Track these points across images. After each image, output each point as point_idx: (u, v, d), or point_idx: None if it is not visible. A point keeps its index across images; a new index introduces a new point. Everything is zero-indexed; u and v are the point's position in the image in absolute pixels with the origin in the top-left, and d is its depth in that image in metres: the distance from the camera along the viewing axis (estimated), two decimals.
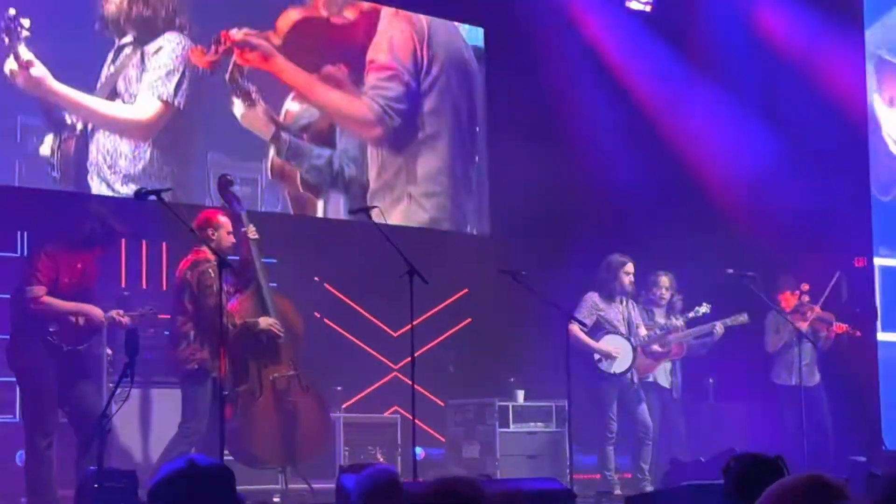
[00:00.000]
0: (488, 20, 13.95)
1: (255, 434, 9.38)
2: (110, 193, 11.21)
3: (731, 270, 11.46)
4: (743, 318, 11.74)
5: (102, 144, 11.36)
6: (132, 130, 11.54)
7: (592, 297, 11.43)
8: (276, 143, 12.39)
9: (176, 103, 11.73)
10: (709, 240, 12.84)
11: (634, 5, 14.37)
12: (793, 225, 13.06)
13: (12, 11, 10.66)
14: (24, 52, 10.77)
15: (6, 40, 10.65)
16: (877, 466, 9.37)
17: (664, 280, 11.87)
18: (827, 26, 13.29)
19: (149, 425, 9.99)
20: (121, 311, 8.96)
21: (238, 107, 12.14)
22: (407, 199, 13.16)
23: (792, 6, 13.54)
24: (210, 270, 9.03)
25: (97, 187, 11.26)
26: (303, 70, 12.61)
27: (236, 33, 12.10)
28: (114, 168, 11.37)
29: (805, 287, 12.17)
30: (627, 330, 11.41)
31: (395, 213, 12.72)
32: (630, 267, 11.45)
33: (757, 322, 12.01)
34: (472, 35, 14.01)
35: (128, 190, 11.14)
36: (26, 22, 10.73)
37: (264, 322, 9.43)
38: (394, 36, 13.26)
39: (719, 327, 11.72)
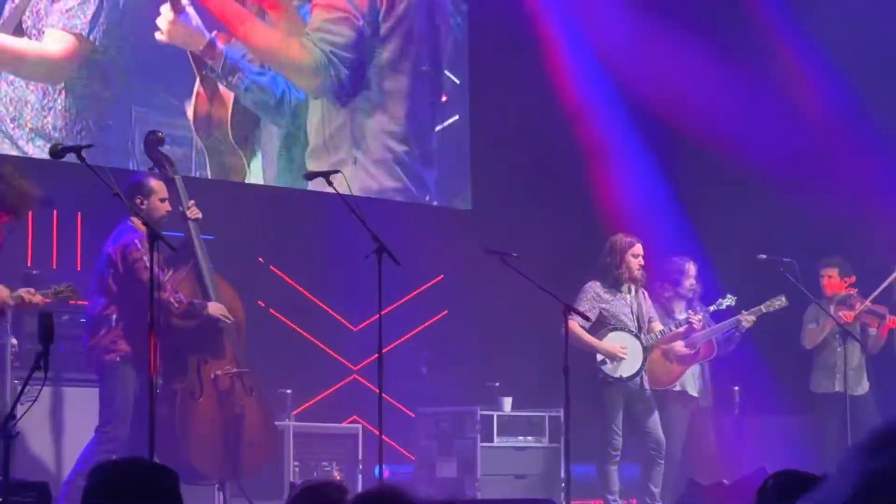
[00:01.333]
0: None
1: (192, 441, 9.43)
2: (14, 151, 11.21)
3: (763, 256, 11.53)
4: (780, 301, 11.58)
5: (5, 93, 11.35)
6: (40, 70, 11.52)
7: (594, 287, 11.24)
8: (211, 54, 12.34)
9: (92, 38, 11.70)
10: (735, 221, 12.93)
11: None
12: (840, 209, 13.12)
13: None
14: None
15: None
16: None
17: (691, 268, 11.75)
18: None
19: (63, 430, 9.99)
20: (31, 290, 8.82)
21: (162, 20, 12.08)
22: (352, 162, 13.09)
23: None
24: (137, 242, 9.05)
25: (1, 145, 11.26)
26: (234, 3, 12.62)
27: None
28: (18, 121, 11.35)
29: (852, 279, 12.24)
30: (637, 325, 11.25)
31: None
32: (638, 248, 11.22)
33: (794, 318, 12.03)
34: None
35: (35, 148, 11.16)
36: None
37: (213, 308, 9.47)
38: None
39: (746, 319, 11.55)
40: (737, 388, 12.81)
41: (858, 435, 11.38)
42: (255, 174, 12.81)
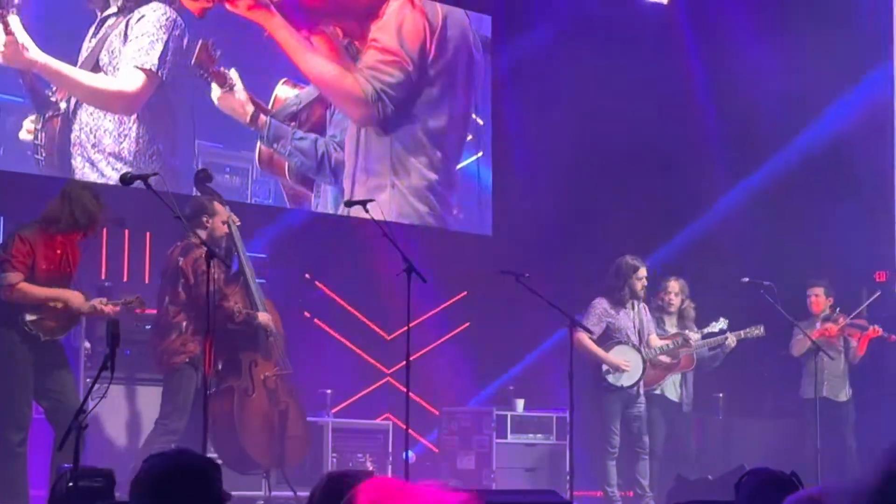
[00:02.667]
0: (496, 8, 13.99)
1: (248, 432, 9.42)
2: (95, 175, 11.19)
3: (746, 279, 11.46)
4: (758, 330, 11.63)
5: (85, 122, 11.35)
6: (116, 103, 11.52)
7: (602, 304, 11.28)
8: (255, 125, 12.37)
9: (160, 74, 11.69)
10: (724, 248, 12.88)
11: None
12: (816, 236, 13.05)
13: None
14: (14, 22, 10.78)
15: None
16: None
17: (673, 285, 11.78)
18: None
19: (128, 423, 9.98)
20: (104, 300, 8.80)
21: (214, 90, 12.13)
22: (390, 188, 13.12)
23: None
24: (204, 257, 9.03)
25: (81, 168, 11.25)
26: (296, 31, 12.58)
27: None
28: (98, 147, 11.35)
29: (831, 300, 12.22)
30: (638, 338, 11.28)
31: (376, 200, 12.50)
32: (643, 271, 11.29)
33: (774, 334, 11.94)
34: (478, 23, 14.04)
35: (113, 171, 11.16)
36: None
37: (263, 318, 9.48)
38: (405, 22, 13.33)
39: (731, 339, 11.60)
40: (721, 394, 12.76)
41: (835, 437, 11.37)
42: (313, 204, 12.82)
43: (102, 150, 11.39)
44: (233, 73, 12.14)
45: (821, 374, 11.67)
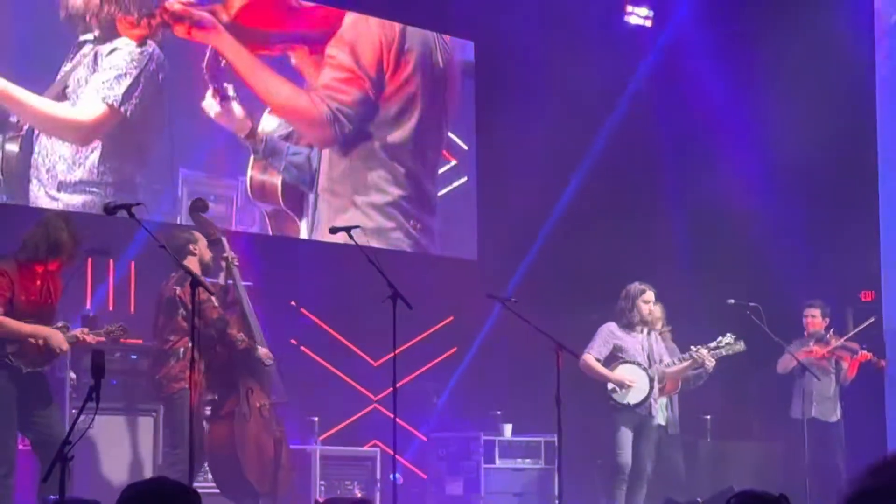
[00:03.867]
0: (479, 34, 14.02)
1: (248, 458, 9.42)
2: (47, 201, 11.15)
3: (732, 301, 11.46)
4: (739, 346, 11.52)
5: (44, 147, 11.32)
6: (70, 132, 11.44)
7: (609, 327, 11.22)
8: (253, 140, 12.40)
9: (123, 110, 11.63)
10: (712, 270, 12.90)
11: (634, 20, 14.42)
12: (801, 257, 13.07)
13: None
14: None
15: None
16: None
17: (649, 296, 11.58)
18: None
19: (115, 454, 9.93)
20: (86, 330, 8.76)
21: (211, 104, 12.15)
22: (353, 207, 13.10)
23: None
24: (190, 284, 8.99)
25: (35, 193, 11.19)
26: (249, 52, 12.49)
27: (173, 4, 11.97)
28: (51, 172, 11.30)
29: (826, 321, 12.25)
30: (648, 362, 11.15)
31: (337, 220, 12.42)
32: (650, 295, 11.23)
33: (762, 355, 11.92)
34: (461, 49, 14.07)
35: (64, 196, 11.17)
36: None
37: (264, 353, 9.49)
38: (359, 38, 13.26)
39: (710, 360, 11.49)
40: (710, 416, 12.76)
41: (825, 457, 11.38)
42: (303, 231, 12.84)
43: (54, 176, 11.32)
44: (230, 88, 12.19)
45: (809, 395, 11.67)
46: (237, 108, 12.31)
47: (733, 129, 13.70)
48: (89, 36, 11.56)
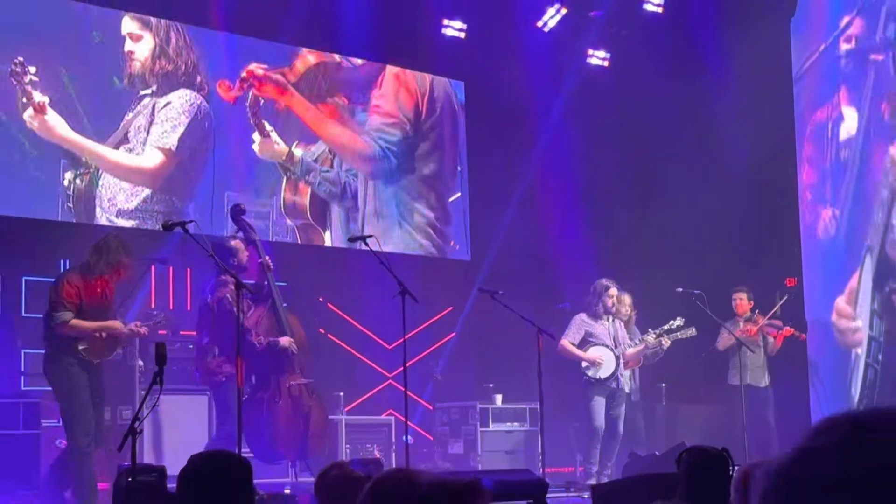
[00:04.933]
0: (469, 75, 14.04)
1: (276, 432, 9.35)
2: (108, 224, 11.24)
3: (680, 289, 11.45)
4: (691, 331, 11.56)
5: (107, 180, 11.44)
6: (136, 177, 11.61)
7: (581, 316, 11.26)
8: (290, 162, 12.53)
9: (178, 154, 11.81)
10: (660, 260, 12.89)
11: (594, 61, 14.39)
12: (730, 244, 13.03)
13: (19, 59, 10.71)
14: (38, 97, 10.81)
15: (14, 84, 10.73)
16: None
17: (612, 291, 11.55)
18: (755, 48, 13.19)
19: (175, 427, 9.91)
20: (138, 323, 8.98)
21: (255, 138, 12.31)
22: (398, 227, 13.25)
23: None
24: (228, 296, 8.99)
25: (98, 217, 11.33)
26: (312, 105, 12.81)
27: (257, 68, 12.31)
28: (112, 201, 11.44)
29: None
30: (613, 343, 11.20)
31: (388, 238, 12.66)
32: (613, 291, 11.27)
33: (705, 332, 11.89)
34: (455, 87, 14.11)
35: (121, 221, 11.25)
36: (32, 68, 10.76)
37: (285, 341, 9.41)
38: (400, 91, 13.57)
39: (665, 341, 11.53)
40: (664, 384, 12.74)
41: (758, 416, 11.34)
42: (327, 241, 12.83)
43: (115, 205, 11.44)
44: (267, 124, 12.29)
45: (744, 365, 11.66)
46: (276, 139, 12.43)
47: (677, 136, 13.66)
48: (147, 91, 11.61)
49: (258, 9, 11.96)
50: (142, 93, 11.62)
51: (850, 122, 13.05)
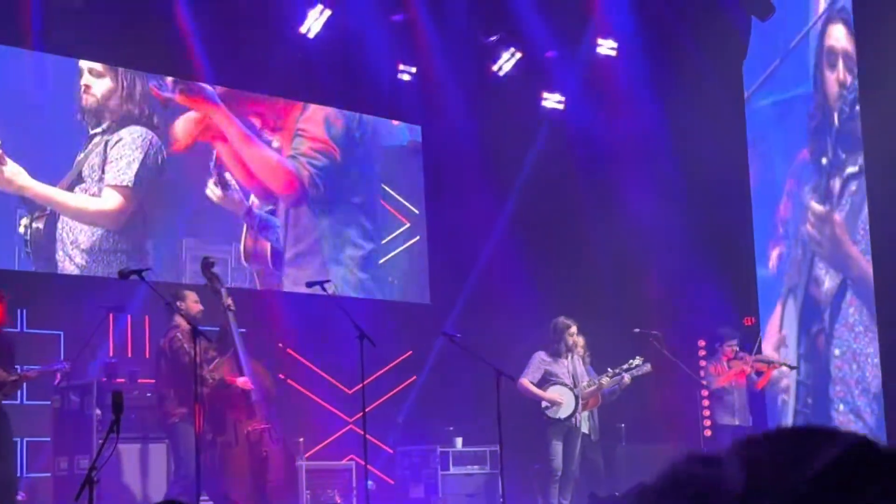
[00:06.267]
0: (425, 120, 14.12)
1: (229, 478, 9.26)
2: (73, 268, 11.19)
3: (637, 330, 11.47)
4: (646, 367, 11.51)
5: (67, 222, 11.37)
6: (100, 219, 11.54)
7: (540, 355, 11.16)
8: (249, 218, 12.45)
9: (136, 190, 11.71)
10: (621, 302, 12.94)
11: (549, 104, 14.49)
12: (686, 285, 13.10)
13: None
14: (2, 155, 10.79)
15: None
16: None
17: (580, 339, 11.60)
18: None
19: (134, 475, 9.82)
20: (29, 368, 9.03)
21: (214, 190, 12.27)
22: (323, 258, 13.11)
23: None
24: (179, 334, 8.97)
25: (61, 263, 11.25)
26: (238, 123, 12.62)
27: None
28: (75, 243, 11.35)
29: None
30: (573, 382, 11.13)
31: (321, 273, 12.51)
32: (574, 329, 11.18)
33: (663, 372, 11.88)
34: (409, 131, 14.17)
35: (87, 263, 11.22)
36: None
37: (241, 382, 9.35)
38: (329, 116, 13.41)
39: (626, 378, 11.48)
40: (623, 425, 12.74)
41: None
42: (286, 286, 12.80)
43: (78, 247, 11.33)
44: (229, 177, 12.24)
45: (731, 405, 11.56)
46: (235, 194, 12.40)
47: (635, 180, 13.75)
48: (98, 129, 11.57)
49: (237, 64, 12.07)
50: (92, 132, 11.57)
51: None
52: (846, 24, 12.49)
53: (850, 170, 12.38)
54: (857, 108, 12.21)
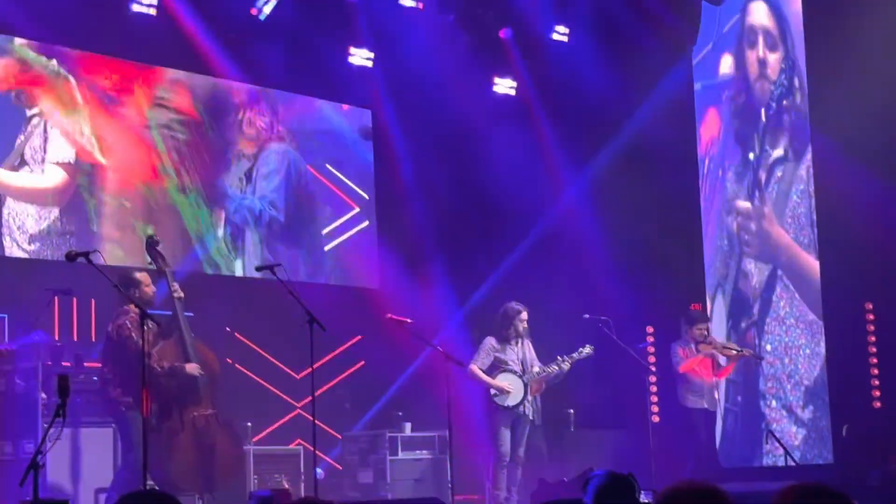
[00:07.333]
0: (376, 104, 14.05)
1: (174, 464, 9.19)
2: (20, 252, 11.07)
3: (587, 315, 11.46)
4: (587, 350, 11.43)
5: (12, 207, 11.22)
6: (42, 198, 11.39)
7: (490, 341, 11.07)
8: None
9: (78, 167, 11.55)
10: (565, 286, 12.97)
11: (500, 89, 14.48)
12: (636, 269, 13.15)
13: None
14: None
15: None
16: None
17: (524, 315, 11.51)
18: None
19: (79, 460, 9.73)
20: None
21: None
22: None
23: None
24: (128, 322, 8.89)
25: (9, 247, 11.11)
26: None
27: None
28: (22, 228, 11.21)
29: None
30: (522, 369, 11.06)
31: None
32: (524, 315, 11.08)
33: (611, 358, 11.88)
34: (360, 116, 14.09)
35: (35, 247, 11.08)
36: None
37: (190, 367, 9.28)
38: (193, 82, 12.88)
39: (565, 364, 11.41)
40: (572, 410, 12.78)
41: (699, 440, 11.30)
42: (238, 270, 12.70)
43: (25, 231, 11.20)
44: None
45: (701, 388, 11.51)
46: None
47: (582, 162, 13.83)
48: (35, 110, 11.41)
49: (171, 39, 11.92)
50: (30, 113, 11.42)
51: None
52: (767, 1, 12.58)
53: (777, 153, 12.44)
54: (784, 91, 12.29)
